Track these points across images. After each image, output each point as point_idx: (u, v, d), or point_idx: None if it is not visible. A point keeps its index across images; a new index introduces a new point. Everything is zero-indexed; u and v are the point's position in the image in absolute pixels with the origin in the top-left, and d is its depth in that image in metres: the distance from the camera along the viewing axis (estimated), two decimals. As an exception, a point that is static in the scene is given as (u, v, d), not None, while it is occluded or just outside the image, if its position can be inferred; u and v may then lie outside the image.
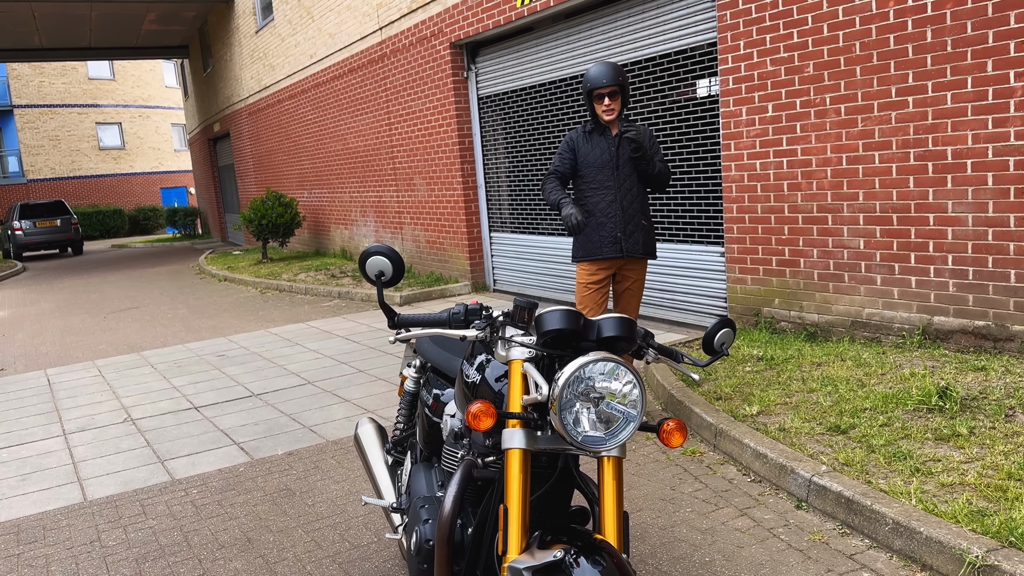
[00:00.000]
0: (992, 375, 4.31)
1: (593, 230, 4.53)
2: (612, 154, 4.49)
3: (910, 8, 4.97)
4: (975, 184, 4.82)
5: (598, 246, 4.53)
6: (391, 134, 11.51)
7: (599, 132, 4.52)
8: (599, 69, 4.38)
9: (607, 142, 4.50)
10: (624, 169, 4.50)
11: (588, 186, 4.55)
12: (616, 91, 4.39)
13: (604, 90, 4.37)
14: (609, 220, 4.50)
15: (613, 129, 4.52)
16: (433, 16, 9.87)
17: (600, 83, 4.36)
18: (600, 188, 4.51)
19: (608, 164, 4.49)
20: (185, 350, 7.99)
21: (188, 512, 3.89)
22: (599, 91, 4.38)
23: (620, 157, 4.49)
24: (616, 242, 4.50)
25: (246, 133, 18.87)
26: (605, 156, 4.49)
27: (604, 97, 4.39)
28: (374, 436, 3.02)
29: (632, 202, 4.53)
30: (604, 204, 4.51)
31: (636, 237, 4.53)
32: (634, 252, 4.53)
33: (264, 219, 14.54)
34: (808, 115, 5.67)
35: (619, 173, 4.50)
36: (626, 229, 4.50)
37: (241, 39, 17.91)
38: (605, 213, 4.51)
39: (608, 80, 4.35)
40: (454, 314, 2.00)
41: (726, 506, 3.43)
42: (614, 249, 4.50)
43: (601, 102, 4.41)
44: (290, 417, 5.36)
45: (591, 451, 1.77)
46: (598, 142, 4.51)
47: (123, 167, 36.80)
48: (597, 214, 4.52)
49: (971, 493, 2.99)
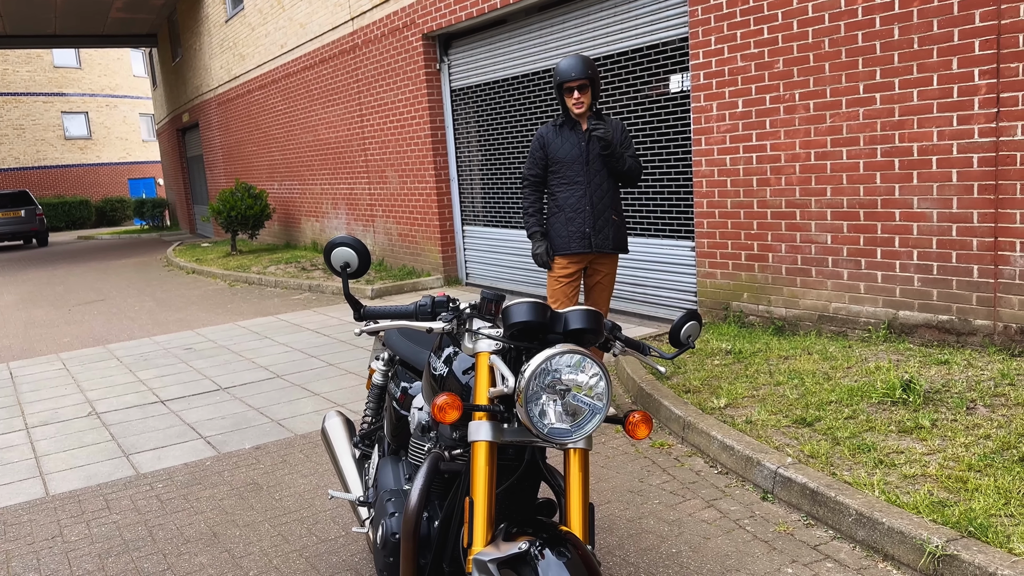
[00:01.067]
0: (955, 368, 4.38)
1: (562, 225, 4.52)
2: (582, 149, 4.48)
3: (878, 5, 5.02)
4: (940, 180, 4.89)
5: (567, 241, 4.52)
6: (363, 126, 11.43)
7: (569, 127, 4.51)
8: (569, 62, 4.36)
9: (577, 137, 4.49)
10: (594, 164, 4.49)
11: (559, 181, 4.55)
12: (586, 84, 4.37)
13: (574, 83, 4.35)
14: (578, 215, 4.50)
15: (584, 123, 4.51)
16: (405, 7, 9.81)
17: (569, 76, 4.34)
18: (570, 184, 4.51)
19: (578, 159, 4.48)
20: (152, 343, 7.88)
21: (153, 506, 3.83)
22: (569, 84, 4.36)
23: (590, 152, 4.48)
24: (585, 237, 4.50)
25: (215, 123, 18.63)
26: (575, 151, 4.48)
27: (574, 90, 4.37)
28: (341, 430, 3.00)
29: (602, 197, 4.52)
30: (574, 199, 4.50)
31: (606, 232, 4.53)
32: (603, 248, 4.54)
33: (233, 211, 14.38)
34: (777, 111, 5.72)
35: (589, 168, 4.49)
36: (596, 224, 4.50)
37: (211, 28, 17.67)
38: (575, 208, 4.50)
39: (577, 73, 4.33)
40: (421, 306, 1.98)
41: (693, 498, 3.46)
42: (583, 244, 4.50)
43: (571, 95, 4.39)
44: (258, 411, 5.31)
45: (557, 443, 1.77)
46: (568, 137, 4.49)
47: (90, 157, 36.18)
48: (567, 209, 4.51)
49: (932, 484, 3.04)
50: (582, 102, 4.39)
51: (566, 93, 4.41)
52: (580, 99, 4.38)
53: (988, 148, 4.64)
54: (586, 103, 4.40)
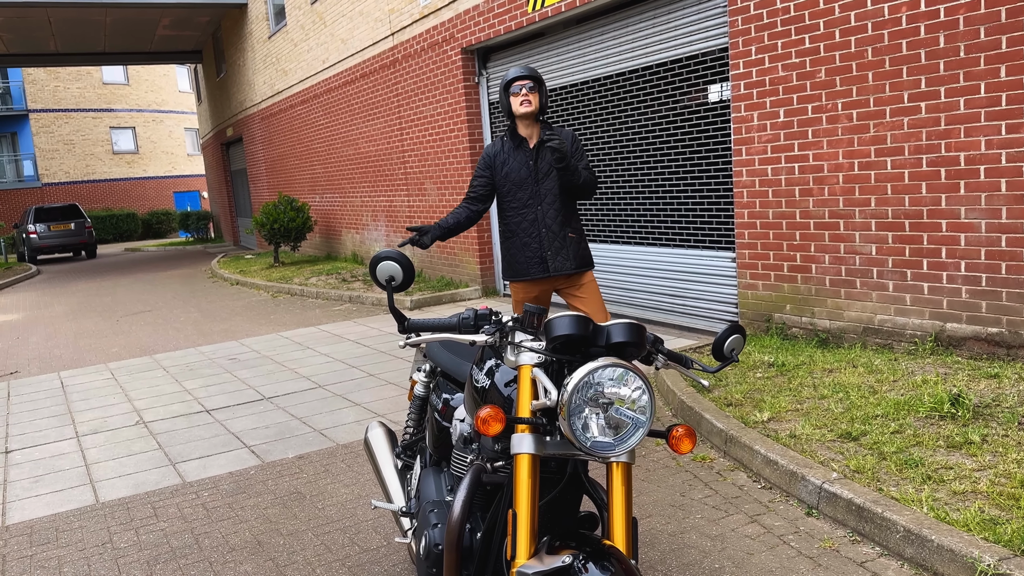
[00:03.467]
0: (1005, 382, 4.28)
1: (518, 250, 4.29)
2: (530, 169, 4.21)
3: (923, 14, 4.95)
4: (988, 190, 4.79)
5: (524, 267, 4.30)
6: (402, 139, 11.54)
7: (515, 143, 4.25)
8: (515, 68, 4.19)
9: (525, 155, 4.23)
10: (544, 183, 4.23)
11: (508, 205, 4.28)
12: (534, 85, 4.11)
13: (522, 81, 4.09)
14: (533, 240, 4.25)
15: (531, 140, 4.26)
16: (445, 22, 9.91)
17: (516, 74, 4.11)
18: (521, 207, 4.25)
19: (527, 180, 4.22)
20: (197, 353, 8.03)
21: (199, 515, 3.90)
22: (517, 81, 4.10)
23: (539, 171, 4.22)
24: (542, 262, 4.26)
25: (259, 138, 18.97)
26: (523, 171, 4.21)
27: (521, 88, 4.09)
28: (384, 440, 3.03)
29: (555, 218, 4.25)
30: (526, 224, 4.25)
31: (565, 253, 4.29)
32: (565, 269, 4.29)
33: (276, 223, 14.60)
34: (820, 120, 5.66)
35: (539, 188, 4.22)
36: (552, 247, 4.25)
37: (254, 44, 18.01)
38: (528, 233, 4.25)
39: (524, 72, 4.11)
40: (463, 319, 2.00)
41: (736, 512, 3.42)
42: (540, 269, 4.27)
43: (518, 94, 4.10)
44: (300, 420, 5.37)
45: (600, 457, 1.77)
46: (516, 155, 4.23)
47: (136, 171, 37.06)
48: (520, 234, 4.26)
49: (983, 501, 2.97)
50: (529, 100, 4.10)
51: (512, 94, 4.13)
52: (527, 97, 4.10)
53: (1038, 157, 4.54)
54: (534, 103, 4.13)
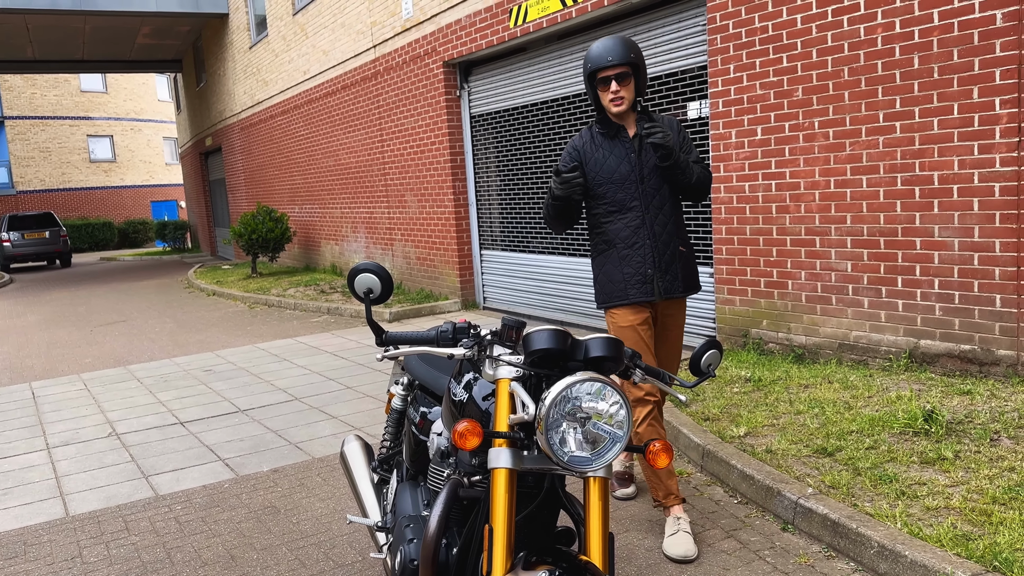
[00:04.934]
0: (978, 399, 4.33)
1: (615, 267, 3.36)
2: (633, 163, 3.30)
3: (898, 35, 5.04)
4: (961, 209, 4.87)
5: (622, 287, 3.34)
6: (383, 151, 11.54)
7: (611, 134, 3.34)
8: (603, 44, 3.21)
9: (624, 148, 3.32)
10: (650, 182, 3.31)
11: (605, 209, 3.36)
12: (627, 73, 3.20)
13: (610, 71, 3.19)
14: (635, 252, 3.32)
15: (630, 128, 3.34)
16: (427, 35, 9.93)
17: (604, 61, 3.18)
18: (621, 211, 3.33)
19: (629, 177, 3.31)
20: (172, 364, 7.95)
21: (171, 528, 3.85)
22: (604, 72, 3.21)
23: (644, 166, 3.31)
24: (646, 281, 3.32)
25: (238, 148, 18.88)
26: (624, 167, 3.31)
27: (611, 81, 3.20)
28: (360, 454, 3.01)
29: (665, 224, 3.33)
30: (628, 232, 3.33)
31: (674, 271, 3.35)
32: (673, 292, 3.36)
33: (254, 234, 14.52)
34: (797, 138, 5.73)
35: (644, 188, 3.31)
36: (660, 263, 3.32)
37: (235, 54, 17.95)
38: (629, 243, 3.33)
39: (616, 57, 3.17)
40: (442, 332, 2.00)
41: (712, 528, 3.43)
42: (643, 291, 3.32)
43: (607, 88, 3.22)
44: (276, 433, 5.33)
45: (577, 472, 1.77)
46: (612, 148, 3.32)
47: (113, 180, 36.73)
48: (620, 244, 3.35)
49: (956, 517, 3.00)
50: (622, 97, 3.22)
51: (600, 86, 3.24)
52: (620, 92, 3.21)
53: (1010, 177, 4.62)
54: (628, 98, 3.24)
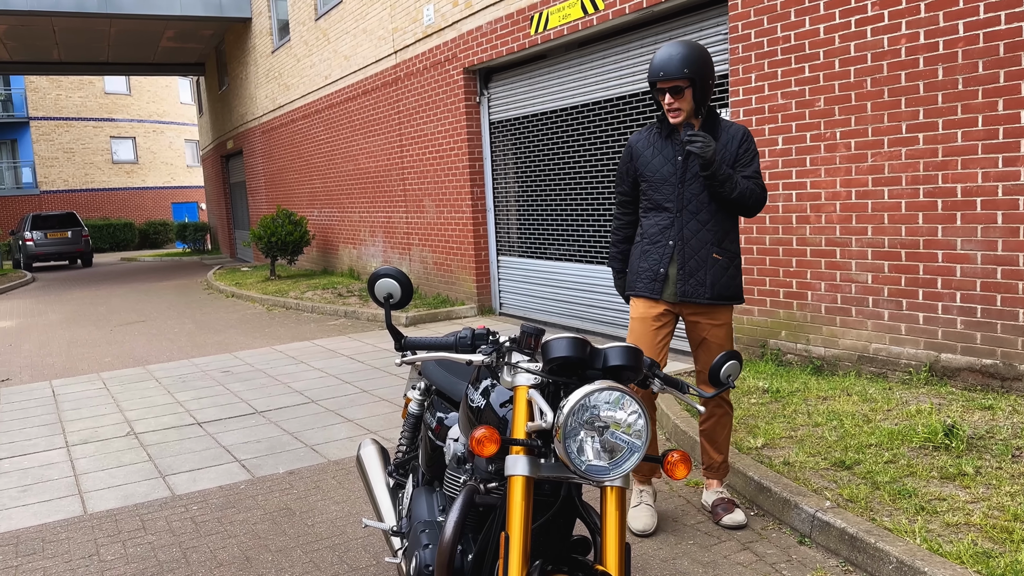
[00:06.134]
0: (999, 414, 4.28)
1: (636, 258, 3.50)
2: (677, 165, 3.38)
3: (922, 46, 5.00)
4: (984, 222, 4.82)
5: (635, 279, 3.50)
6: (402, 156, 11.58)
7: (665, 134, 3.43)
8: (662, 54, 3.26)
9: (673, 149, 3.41)
10: (692, 186, 3.36)
11: (647, 205, 3.48)
12: (681, 87, 3.25)
13: (665, 84, 3.27)
14: (656, 249, 3.42)
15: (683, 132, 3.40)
16: (448, 41, 9.97)
17: (657, 75, 3.26)
18: (656, 209, 3.43)
19: (670, 178, 3.38)
20: (190, 365, 8.00)
21: (187, 528, 3.87)
22: (661, 84, 3.29)
23: (688, 170, 3.37)
24: (656, 279, 3.41)
25: (259, 151, 19.02)
26: (668, 167, 3.39)
27: (666, 93, 3.30)
28: (376, 458, 3.01)
29: (698, 230, 3.36)
30: (656, 230, 3.42)
31: (701, 276, 3.36)
32: (695, 296, 3.36)
33: (274, 236, 14.61)
34: (818, 148, 5.69)
35: (683, 191, 3.37)
36: (685, 266, 3.36)
37: (257, 58, 18.10)
38: (654, 240, 3.43)
39: (669, 72, 3.22)
40: (460, 338, 2.00)
41: (728, 539, 3.40)
42: (651, 288, 3.42)
43: (663, 97, 3.32)
44: (292, 435, 5.35)
45: (594, 481, 1.77)
46: (663, 148, 3.43)
47: (135, 181, 37.10)
48: (646, 239, 3.46)
49: (976, 534, 2.97)
50: (679, 110, 3.30)
51: (658, 94, 3.35)
52: (674, 105, 3.29)
53: (1035, 190, 4.57)
54: (685, 110, 3.32)
